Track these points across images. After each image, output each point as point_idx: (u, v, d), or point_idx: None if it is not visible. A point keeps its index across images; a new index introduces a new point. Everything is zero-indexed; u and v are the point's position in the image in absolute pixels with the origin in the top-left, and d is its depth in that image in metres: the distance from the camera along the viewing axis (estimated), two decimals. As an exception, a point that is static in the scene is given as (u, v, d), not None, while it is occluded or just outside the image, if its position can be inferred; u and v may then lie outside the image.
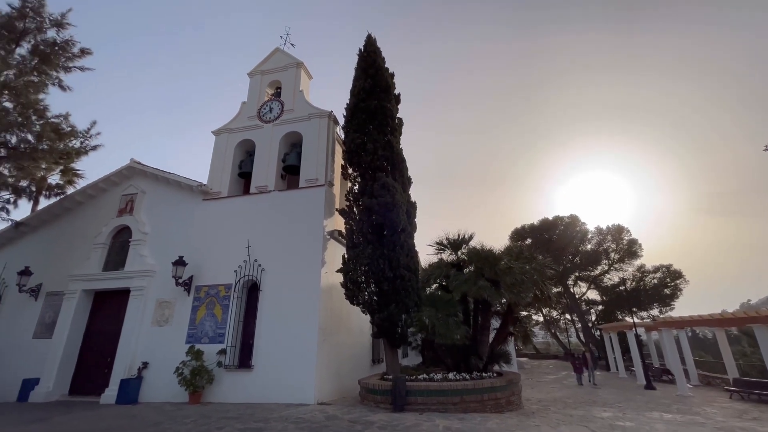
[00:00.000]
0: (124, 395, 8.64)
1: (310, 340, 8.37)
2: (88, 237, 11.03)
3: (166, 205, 10.91)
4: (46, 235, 11.68)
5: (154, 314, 9.70)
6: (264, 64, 12.13)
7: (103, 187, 11.68)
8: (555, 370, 22.53)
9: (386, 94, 10.41)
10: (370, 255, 8.42)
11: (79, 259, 10.79)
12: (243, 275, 9.36)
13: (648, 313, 26.01)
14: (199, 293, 9.55)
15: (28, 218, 11.52)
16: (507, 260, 8.92)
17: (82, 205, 11.81)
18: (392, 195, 8.65)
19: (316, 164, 10.10)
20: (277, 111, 11.25)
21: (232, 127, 11.41)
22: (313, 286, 8.81)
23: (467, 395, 7.40)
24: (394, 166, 9.75)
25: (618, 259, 27.24)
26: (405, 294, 8.42)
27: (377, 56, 10.90)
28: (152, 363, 9.16)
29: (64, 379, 9.71)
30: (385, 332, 8.39)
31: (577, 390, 12.76)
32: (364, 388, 8.09)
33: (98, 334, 10.23)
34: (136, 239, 10.53)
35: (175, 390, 8.57)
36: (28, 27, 10.75)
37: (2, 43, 10.61)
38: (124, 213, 11.11)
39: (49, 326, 10.39)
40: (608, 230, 28.12)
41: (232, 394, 8.40)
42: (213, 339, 9.02)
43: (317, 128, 10.57)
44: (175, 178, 10.81)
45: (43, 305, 10.71)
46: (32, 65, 10.89)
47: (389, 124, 10.11)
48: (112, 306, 10.36)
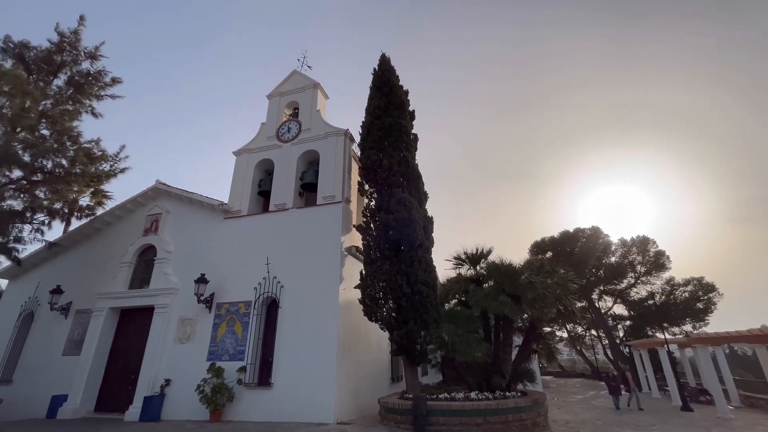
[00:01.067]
0: (147, 413, 8.74)
1: (329, 357, 8.32)
2: (115, 256, 11.43)
3: (189, 224, 11.24)
4: (77, 255, 12.18)
5: (176, 331, 9.88)
6: (282, 86, 12.55)
7: (130, 208, 12.16)
8: (582, 389, 21.54)
9: (401, 111, 10.56)
10: (388, 271, 8.40)
11: (106, 277, 11.16)
12: (262, 292, 9.47)
13: (680, 329, 24.74)
14: (220, 310, 9.70)
15: (61, 239, 12.06)
16: (528, 274, 8.72)
17: (110, 225, 12.30)
18: (409, 210, 8.67)
19: (333, 181, 10.26)
20: (295, 131, 11.56)
21: (252, 147, 11.77)
22: (332, 302, 8.81)
23: (491, 416, 7.16)
24: (410, 182, 9.79)
25: (645, 271, 26.20)
26: (423, 310, 8.32)
27: (391, 74, 11.12)
28: (174, 380, 9.27)
29: (91, 395, 9.92)
30: (404, 349, 8.26)
31: (610, 412, 12.12)
32: (384, 407, 7.94)
33: (123, 351, 10.47)
34: (160, 258, 10.84)
35: (196, 407, 8.61)
36: (65, 60, 11.52)
37: (41, 76, 11.40)
38: (149, 232, 11.49)
39: (77, 343, 10.71)
40: (633, 242, 27.19)
41: (251, 412, 8.39)
42: (233, 356, 9.08)
43: (334, 146, 10.79)
44: (198, 198, 11.16)
45: (73, 323, 11.08)
46: (68, 95, 11.62)
47: (404, 140, 10.21)
48: (137, 323, 10.61)
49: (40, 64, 11.18)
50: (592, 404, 14.47)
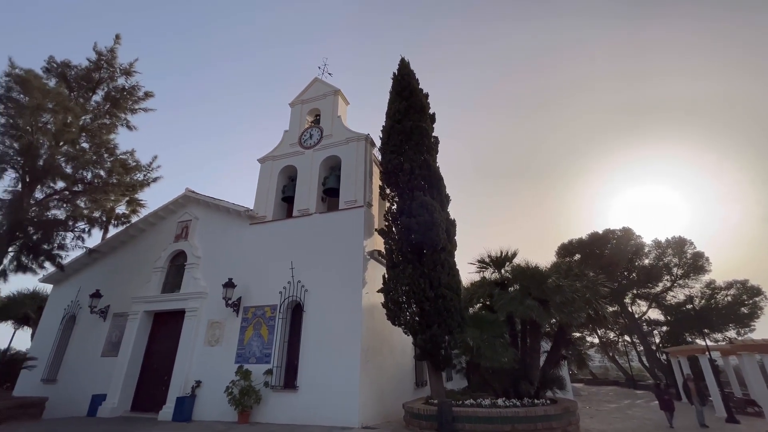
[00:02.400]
0: (179, 413, 9.05)
1: (353, 361, 8.35)
2: (149, 261, 11.95)
3: (217, 230, 11.62)
4: (114, 261, 12.83)
5: (206, 334, 10.19)
6: (304, 93, 12.82)
7: (161, 215, 12.70)
8: (616, 397, 20.59)
9: (421, 115, 10.56)
10: (411, 275, 8.36)
11: (141, 282, 11.68)
12: (287, 296, 9.64)
13: (723, 335, 23.24)
14: (247, 314, 9.93)
15: (99, 245, 12.74)
16: (555, 277, 8.46)
17: (144, 232, 12.89)
18: (431, 213, 8.62)
19: (354, 186, 10.35)
20: (317, 137, 11.76)
21: (276, 154, 12.06)
22: (355, 306, 8.86)
23: (518, 423, 6.97)
24: (431, 185, 9.74)
25: (682, 274, 24.80)
26: (447, 314, 8.22)
27: (411, 78, 11.15)
28: (204, 382, 9.55)
29: (128, 395, 10.37)
30: (428, 354, 8.18)
31: (648, 423, 11.51)
32: (409, 413, 7.88)
33: (157, 353, 10.89)
34: (190, 263, 11.25)
35: (225, 409, 8.84)
36: (102, 76, 12.23)
37: (81, 92, 12.14)
38: (179, 238, 11.95)
39: (115, 345, 11.24)
40: (668, 243, 25.80)
41: (278, 414, 8.52)
42: (260, 359, 9.27)
43: (355, 151, 10.89)
44: (225, 205, 11.52)
45: (111, 325, 11.65)
46: (105, 109, 12.32)
47: (425, 144, 10.19)
48: (170, 326, 11.02)
49: (80, 82, 11.92)
50: (627, 414, 13.79)
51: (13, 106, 9.97)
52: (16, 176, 10.38)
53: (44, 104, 10.04)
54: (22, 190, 10.30)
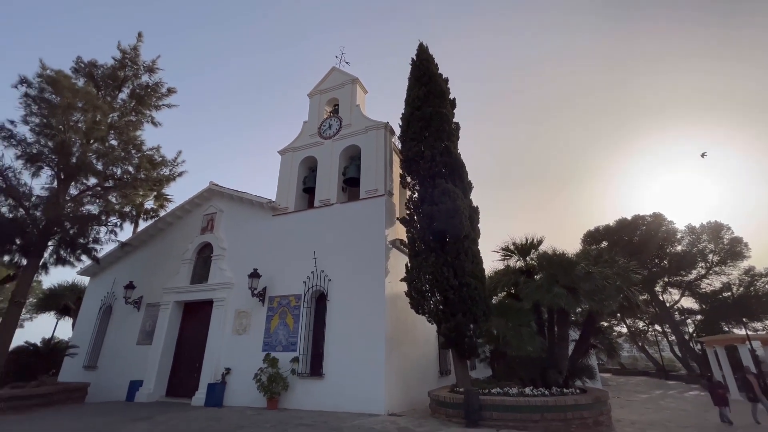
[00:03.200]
0: (211, 398, 9.38)
1: (377, 349, 8.39)
2: (177, 253, 12.34)
3: (241, 222, 11.84)
4: (145, 253, 13.31)
5: (233, 323, 10.47)
6: (322, 83, 12.77)
7: (188, 209, 13.04)
8: (647, 388, 19.98)
9: (441, 100, 10.32)
10: (434, 263, 8.26)
11: (170, 273, 12.08)
12: (311, 286, 9.74)
13: (763, 324, 22.10)
14: (272, 303, 10.12)
15: (131, 239, 13.24)
16: (585, 264, 8.18)
17: (171, 226, 13.28)
18: (453, 201, 8.45)
19: (375, 175, 10.27)
20: (336, 127, 11.72)
21: (296, 145, 12.11)
22: (378, 295, 8.86)
23: (548, 412, 6.83)
24: (453, 172, 9.54)
25: (718, 261, 23.63)
26: (472, 303, 8.09)
27: (430, 63, 10.89)
28: (233, 369, 9.84)
29: (162, 381, 10.83)
30: (453, 343, 8.10)
31: (682, 414, 11.08)
32: (435, 401, 7.86)
33: (188, 342, 11.29)
34: (216, 254, 11.53)
35: (254, 395, 9.09)
36: (127, 74, 12.53)
37: (108, 91, 12.49)
38: (205, 231, 12.26)
39: (149, 334, 11.72)
40: (703, 228, 24.58)
41: (304, 401, 8.69)
42: (286, 347, 9.45)
43: (374, 140, 10.79)
44: (248, 197, 11.70)
45: (144, 315, 12.14)
46: (131, 107, 12.65)
47: (446, 130, 9.97)
48: (199, 316, 11.39)
49: (106, 80, 12.26)
50: (660, 404, 13.34)
51: (46, 106, 10.36)
52: (52, 174, 10.84)
53: (74, 103, 10.40)
54: (57, 187, 10.76)
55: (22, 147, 10.31)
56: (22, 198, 10.24)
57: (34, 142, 10.51)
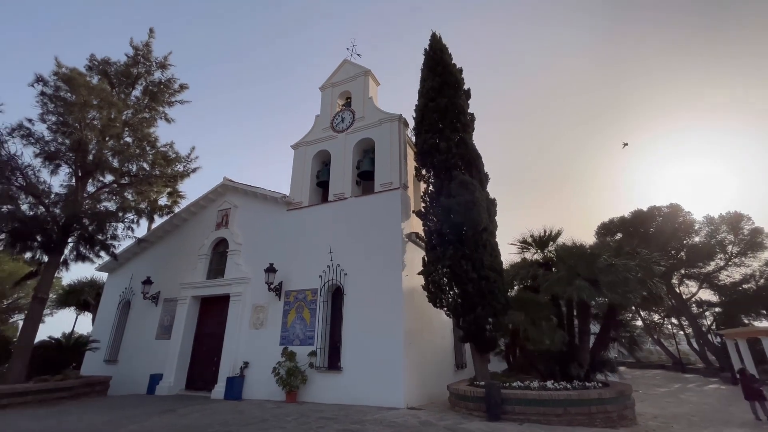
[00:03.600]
0: (230, 392, 9.48)
1: (396, 343, 8.36)
2: (193, 249, 12.44)
3: (255, 217, 11.86)
4: (161, 249, 13.45)
5: (251, 318, 10.54)
6: (334, 76, 12.65)
7: (202, 204, 13.12)
8: (664, 381, 19.69)
9: (456, 91, 10.15)
10: (452, 256, 8.16)
11: (187, 269, 12.19)
12: (327, 280, 9.73)
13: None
14: (289, 298, 10.15)
15: (147, 235, 13.38)
16: (607, 256, 8.00)
17: (186, 222, 13.39)
18: (471, 193, 8.32)
19: (389, 168, 10.17)
20: (348, 120, 11.62)
21: (309, 140, 12.05)
22: (395, 289, 8.81)
23: (571, 406, 6.73)
24: (469, 164, 9.39)
25: (738, 252, 23.05)
26: (491, 296, 7.99)
27: (444, 53, 10.69)
28: (251, 363, 9.92)
29: (182, 374, 10.98)
30: (472, 337, 8.03)
31: (706, 408, 10.88)
32: (454, 394, 7.82)
33: (206, 336, 11.42)
34: (232, 249, 11.59)
35: (272, 388, 9.16)
36: (140, 71, 12.57)
37: (122, 88, 12.56)
38: (220, 226, 12.32)
39: (167, 328, 11.88)
40: (722, 219, 23.96)
41: (323, 394, 8.72)
42: (303, 341, 9.48)
43: (388, 132, 10.67)
44: (262, 192, 11.71)
45: (162, 310, 12.30)
46: (144, 104, 12.71)
47: (461, 121, 9.81)
48: (216, 310, 11.50)
49: (120, 78, 12.32)
50: (680, 398, 13.12)
51: (62, 104, 10.45)
52: (70, 171, 10.97)
53: (90, 101, 10.47)
54: (75, 184, 10.89)
55: (40, 145, 10.44)
56: (42, 196, 10.39)
57: (52, 140, 10.63)
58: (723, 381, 18.90)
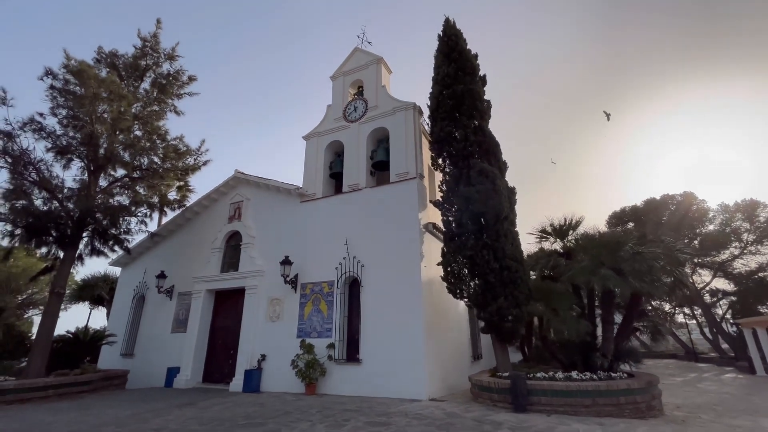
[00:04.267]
0: (248, 384, 9.46)
1: (416, 334, 8.25)
2: (206, 242, 12.38)
3: (268, 210, 11.75)
4: (173, 243, 13.41)
5: (267, 311, 10.48)
6: (345, 65, 12.40)
7: (214, 197, 13.02)
8: (679, 371, 19.50)
9: (472, 77, 9.88)
10: (473, 246, 7.99)
11: (201, 262, 12.14)
12: (344, 272, 9.62)
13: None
14: (305, 290, 10.06)
15: (159, 229, 13.33)
16: (632, 244, 7.79)
17: (198, 215, 13.31)
18: (492, 181, 8.12)
19: (405, 157, 9.97)
20: (361, 109, 11.39)
21: (321, 130, 11.85)
22: (414, 280, 8.68)
23: (600, 397, 6.59)
24: (487, 152, 9.16)
25: (754, 240, 22.66)
26: (513, 286, 7.83)
27: (459, 39, 10.39)
28: (269, 355, 9.89)
29: (198, 368, 10.99)
30: (495, 327, 7.89)
31: (728, 398, 10.71)
32: (477, 386, 7.71)
33: (221, 329, 11.41)
34: (245, 242, 11.50)
35: (290, 381, 9.13)
36: (148, 63, 12.39)
37: (130, 81, 12.40)
38: (233, 219, 12.22)
39: (182, 322, 11.88)
40: (737, 207, 23.54)
41: (342, 386, 8.67)
42: (321, 333, 9.41)
43: (403, 121, 10.44)
44: (275, 184, 11.57)
45: (177, 304, 12.29)
46: (154, 96, 12.55)
47: (478, 108, 9.56)
48: (231, 303, 11.47)
49: (128, 70, 12.16)
50: (698, 388, 12.95)
51: (72, 97, 10.32)
52: (82, 165, 10.89)
53: (100, 93, 10.33)
54: (88, 178, 10.81)
55: (52, 139, 10.35)
56: (56, 190, 10.33)
57: (63, 134, 10.54)
58: (739, 370, 18.67)
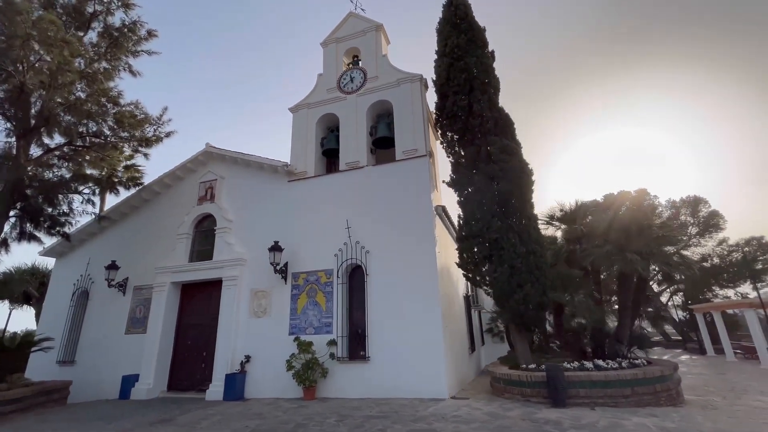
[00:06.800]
0: (231, 391, 8.06)
1: (434, 327, 7.42)
2: (169, 228, 10.55)
3: (248, 190, 10.23)
4: (127, 228, 11.34)
5: (250, 305, 9.07)
6: (338, 31, 11.13)
7: (179, 175, 11.17)
8: (637, 355, 20.77)
9: (483, 50, 9.27)
10: (499, 228, 7.32)
11: (163, 251, 10.32)
12: (345, 259, 8.52)
13: (735, 291, 23.74)
14: (297, 281, 8.81)
15: (109, 211, 11.17)
16: (657, 228, 7.62)
17: (159, 196, 11.36)
18: (518, 158, 7.50)
19: (413, 133, 9.04)
20: (359, 80, 10.24)
21: (311, 101, 10.52)
22: (430, 267, 7.82)
23: (638, 386, 6.24)
24: (503, 129, 8.55)
25: (697, 233, 24.84)
26: (540, 272, 7.29)
27: (467, 8, 9.69)
28: (254, 356, 8.54)
29: (162, 374, 9.29)
30: (520, 317, 7.30)
31: (703, 377, 11.19)
32: (503, 380, 7.07)
33: (191, 328, 9.77)
34: (221, 227, 9.91)
35: (283, 385, 7.93)
36: (96, 10, 10.20)
37: (72, 30, 10.13)
38: (204, 201, 10.52)
39: (140, 321, 10.05)
40: (683, 202, 25.68)
41: (347, 388, 7.61)
42: (318, 329, 8.26)
43: (409, 94, 9.49)
44: (257, 160, 10.09)
45: (132, 300, 10.37)
46: (103, 51, 10.38)
47: (492, 83, 8.96)
48: (202, 298, 9.87)
49: (71, 15, 9.90)
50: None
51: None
52: (7, 127, 8.65)
53: (34, 36, 8.17)
54: (16, 144, 8.60)
55: (-35, 92, 8.04)
56: (-31, 157, 8.06)
57: (-19, 86, 8.24)
58: (690, 352, 20.30)
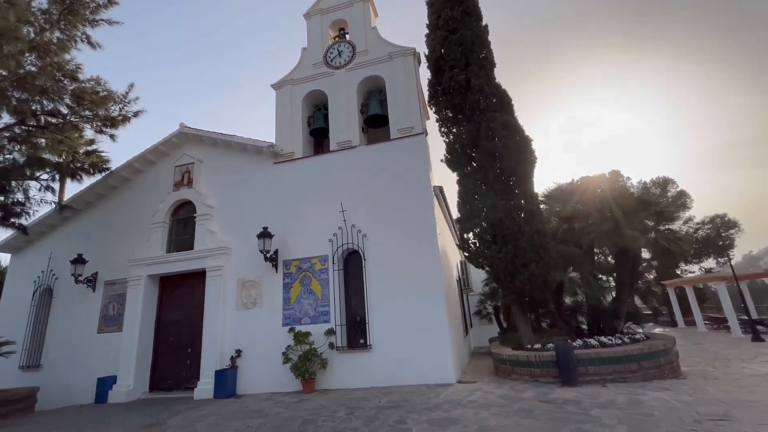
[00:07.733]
0: (222, 388, 7.53)
1: (438, 311, 7.15)
2: (142, 217, 9.67)
3: (229, 173, 9.48)
4: (95, 219, 10.33)
5: (237, 296, 8.48)
6: (322, 1, 10.36)
7: (151, 159, 10.22)
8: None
9: (478, 23, 8.90)
10: (504, 207, 7.07)
11: (136, 241, 9.47)
12: (340, 244, 8.05)
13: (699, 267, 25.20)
14: (289, 268, 8.28)
15: (72, 200, 10.10)
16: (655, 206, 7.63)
17: (129, 182, 10.39)
18: (521, 134, 7.23)
19: (408, 110, 8.57)
20: (347, 54, 9.60)
21: (295, 77, 9.79)
22: (431, 250, 7.49)
23: (644, 360, 6.28)
24: (501, 106, 8.26)
25: (666, 212, 26.10)
26: (544, 251, 7.14)
27: (461, -21, 9.20)
28: (245, 350, 8.01)
29: (143, 374, 8.60)
30: (525, 297, 7.15)
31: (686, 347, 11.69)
32: (510, 361, 6.94)
33: (172, 323, 9.07)
34: (201, 214, 9.16)
35: (278, 378, 7.49)
36: (45, -31, 8.93)
37: (16, -7, 8.85)
38: (180, 186, 9.68)
39: (113, 318, 9.24)
40: (653, 183, 26.76)
41: (348, 378, 7.26)
42: (315, 319, 7.82)
43: (402, 69, 8.96)
44: (239, 141, 9.33)
45: (104, 296, 9.51)
46: (56, 18, 9.17)
47: (489, 58, 8.62)
48: (183, 291, 9.17)
49: (13, -26, 8.60)
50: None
51: None
52: (-57, 104, 7.47)
53: (-30, -4, 7.01)
54: (-45, 122, 7.46)
55: None
56: None
57: None
58: (662, 324, 21.40)
